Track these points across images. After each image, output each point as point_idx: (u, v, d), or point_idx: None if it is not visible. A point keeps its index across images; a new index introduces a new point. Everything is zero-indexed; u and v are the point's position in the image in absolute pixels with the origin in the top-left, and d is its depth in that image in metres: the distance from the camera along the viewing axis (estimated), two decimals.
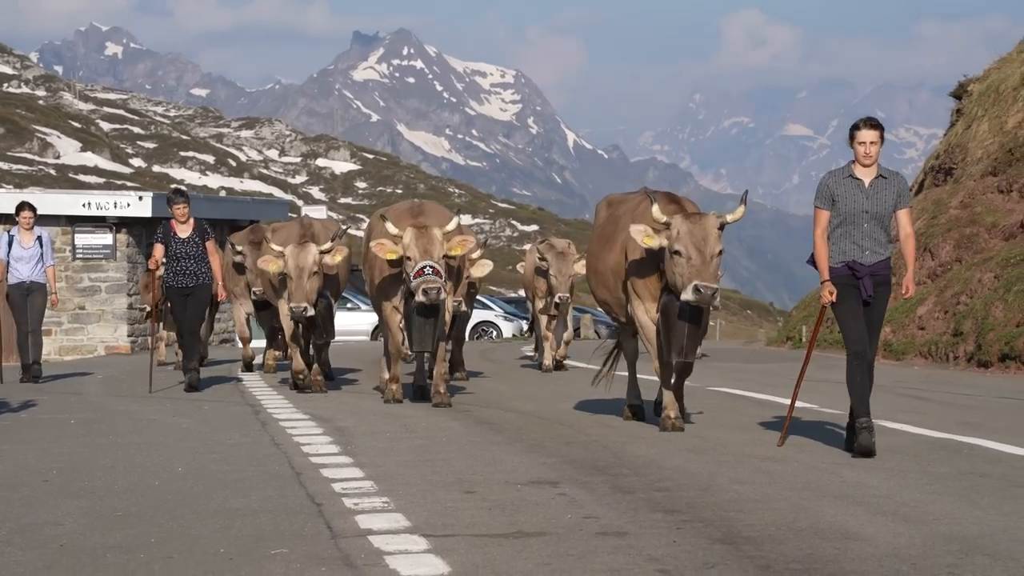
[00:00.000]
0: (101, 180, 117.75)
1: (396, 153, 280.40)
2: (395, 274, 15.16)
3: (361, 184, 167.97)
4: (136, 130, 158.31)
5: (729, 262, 12.90)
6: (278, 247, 16.80)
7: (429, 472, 10.11)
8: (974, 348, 22.97)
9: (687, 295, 11.94)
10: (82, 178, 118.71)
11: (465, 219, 16.02)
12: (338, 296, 18.21)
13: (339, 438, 12.39)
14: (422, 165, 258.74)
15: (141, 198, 32.21)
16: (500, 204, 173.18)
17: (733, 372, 21.86)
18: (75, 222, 31.85)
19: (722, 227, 12.27)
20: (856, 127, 10.93)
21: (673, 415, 12.65)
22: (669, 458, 10.83)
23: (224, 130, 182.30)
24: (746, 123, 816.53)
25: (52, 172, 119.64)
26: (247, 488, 9.50)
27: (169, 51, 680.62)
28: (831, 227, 10.92)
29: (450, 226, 15.07)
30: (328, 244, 16.82)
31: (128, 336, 31.94)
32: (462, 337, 20.05)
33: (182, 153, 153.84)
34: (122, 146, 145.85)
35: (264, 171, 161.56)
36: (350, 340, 35.41)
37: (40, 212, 20.13)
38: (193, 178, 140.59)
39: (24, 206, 20.04)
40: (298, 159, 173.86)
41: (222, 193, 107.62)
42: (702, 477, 9.78)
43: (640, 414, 13.85)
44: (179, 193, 18.26)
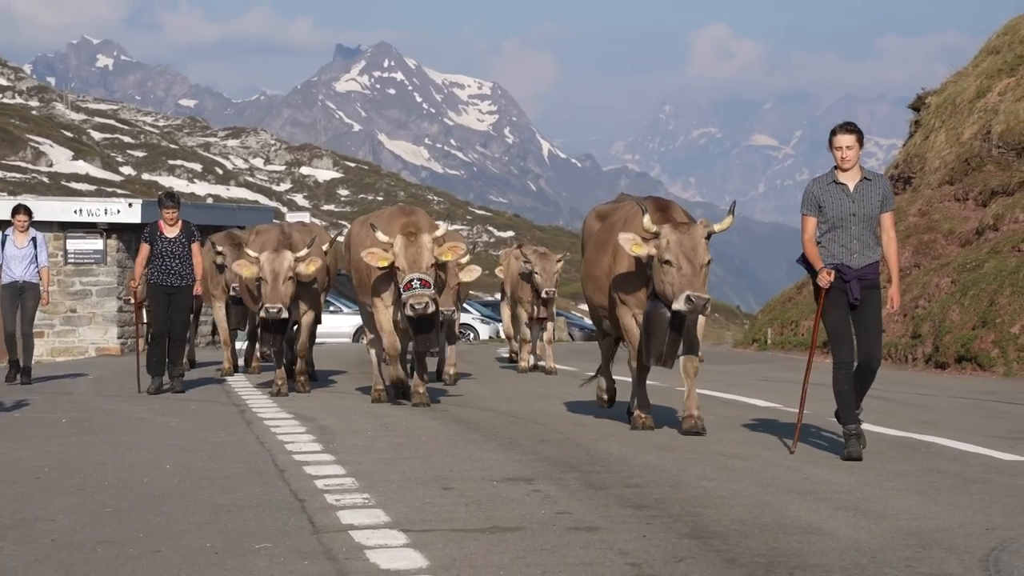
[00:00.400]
0: (92, 188, 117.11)
1: (377, 162, 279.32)
2: (384, 275, 14.91)
3: (343, 192, 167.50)
4: (126, 139, 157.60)
5: None
6: (254, 253, 16.72)
7: (408, 469, 10.10)
8: (932, 350, 23.04)
9: (679, 305, 11.68)
10: (74, 186, 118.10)
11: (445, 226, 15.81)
12: (320, 305, 18.06)
13: (321, 436, 12.37)
14: (402, 173, 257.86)
15: (131, 205, 32.11)
16: (477, 211, 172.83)
17: (701, 373, 21.55)
18: (67, 228, 31.73)
19: (709, 236, 12.02)
20: (834, 132, 10.66)
21: (696, 413, 12.45)
22: (639, 456, 10.84)
23: (211, 139, 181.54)
24: (714, 133, 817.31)
25: (45, 180, 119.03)
26: (232, 485, 9.48)
27: (158, 63, 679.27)
28: (820, 233, 10.65)
29: (439, 231, 14.97)
30: (304, 251, 16.74)
31: (118, 338, 31.80)
32: (453, 339, 19.80)
33: (171, 162, 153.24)
34: (112, 155, 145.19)
35: (250, 179, 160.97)
36: (331, 342, 35.33)
37: (33, 218, 19.98)
38: (181, 186, 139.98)
39: (20, 209, 19.94)
40: (283, 167, 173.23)
41: (209, 200, 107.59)
42: (671, 474, 9.79)
43: (612, 399, 14.10)
44: (170, 197, 17.95)
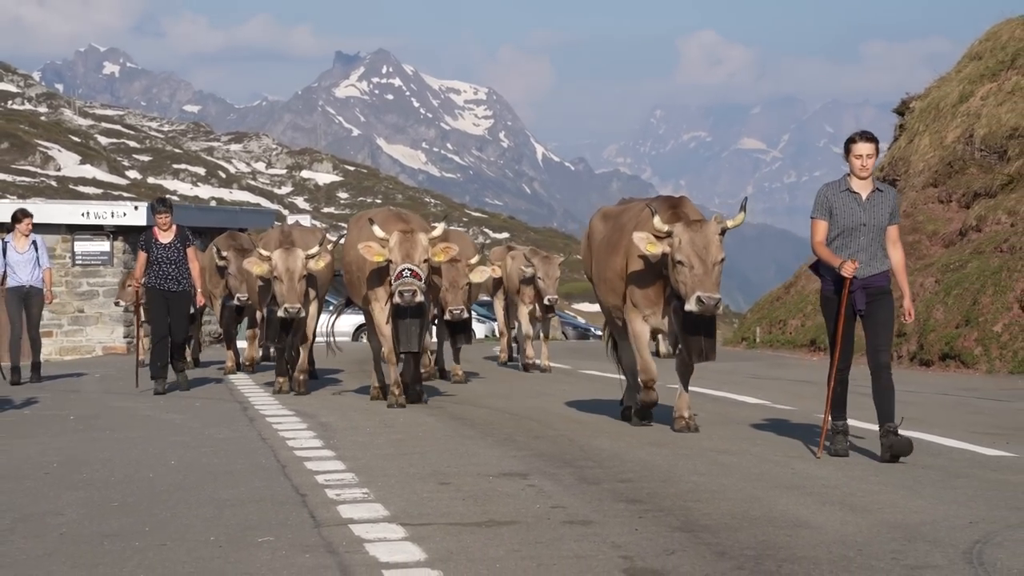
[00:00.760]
0: (99, 191, 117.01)
1: (376, 165, 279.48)
2: (379, 274, 14.73)
3: (343, 194, 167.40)
4: (132, 144, 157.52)
5: None
6: (265, 251, 16.54)
7: (406, 465, 10.10)
8: (916, 348, 23.03)
9: (690, 306, 11.38)
10: (81, 189, 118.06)
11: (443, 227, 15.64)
12: (321, 302, 18.02)
13: (322, 433, 12.36)
14: (400, 177, 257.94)
15: (136, 208, 32.09)
16: (473, 213, 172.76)
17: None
18: (75, 230, 31.70)
19: (723, 233, 11.65)
20: (852, 140, 10.29)
21: (687, 415, 12.07)
22: (632, 451, 10.83)
23: (214, 144, 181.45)
24: (704, 137, 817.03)
25: (53, 183, 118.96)
26: (236, 480, 9.48)
27: (163, 70, 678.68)
28: (829, 238, 10.30)
29: (436, 232, 14.79)
30: (315, 248, 16.66)
31: (124, 337, 31.74)
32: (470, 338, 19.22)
33: (175, 165, 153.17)
34: (119, 159, 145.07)
35: (252, 182, 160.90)
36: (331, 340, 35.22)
37: (42, 221, 19.98)
38: (185, 189, 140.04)
39: (26, 214, 19.89)
40: (284, 171, 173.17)
41: (212, 203, 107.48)
42: (662, 469, 9.78)
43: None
44: (162, 202, 17.75)
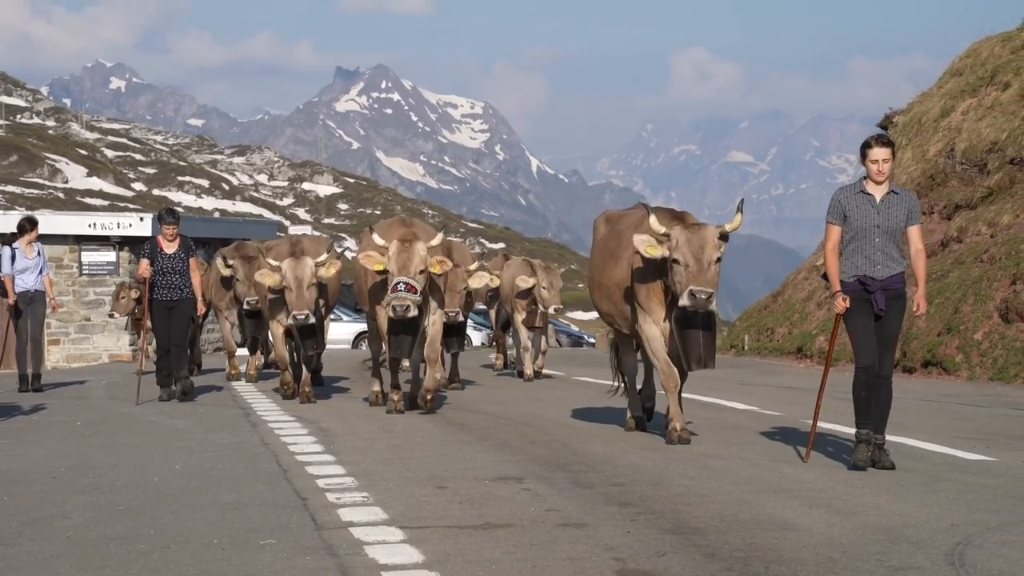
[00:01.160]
0: (105, 203, 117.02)
1: (375, 177, 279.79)
2: (381, 281, 14.49)
3: (343, 206, 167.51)
4: (138, 157, 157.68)
5: None
6: (275, 262, 16.40)
7: (405, 469, 10.09)
8: (900, 355, 23.04)
9: (684, 300, 11.25)
10: (88, 201, 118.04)
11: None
12: (330, 309, 17.94)
13: (323, 438, 12.35)
14: (399, 189, 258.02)
15: (142, 219, 32.15)
16: (470, 224, 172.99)
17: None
18: (82, 241, 31.73)
19: (724, 236, 11.49)
20: (868, 145, 10.05)
21: (679, 427, 11.80)
22: (624, 456, 10.83)
23: (218, 157, 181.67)
24: (693, 150, 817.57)
25: (61, 195, 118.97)
26: (238, 484, 9.46)
27: (168, 85, 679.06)
28: (844, 242, 10.14)
29: (434, 241, 14.44)
30: (323, 256, 16.59)
31: (130, 345, 31.75)
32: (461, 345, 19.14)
33: (180, 178, 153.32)
34: (125, 172, 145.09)
35: (254, 194, 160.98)
36: (332, 349, 35.25)
37: (49, 232, 20.04)
38: (189, 200, 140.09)
39: (35, 223, 19.94)
40: (285, 183, 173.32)
41: (216, 214, 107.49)
42: (654, 473, 9.78)
43: (642, 424, 12.96)
44: (171, 213, 17.64)
